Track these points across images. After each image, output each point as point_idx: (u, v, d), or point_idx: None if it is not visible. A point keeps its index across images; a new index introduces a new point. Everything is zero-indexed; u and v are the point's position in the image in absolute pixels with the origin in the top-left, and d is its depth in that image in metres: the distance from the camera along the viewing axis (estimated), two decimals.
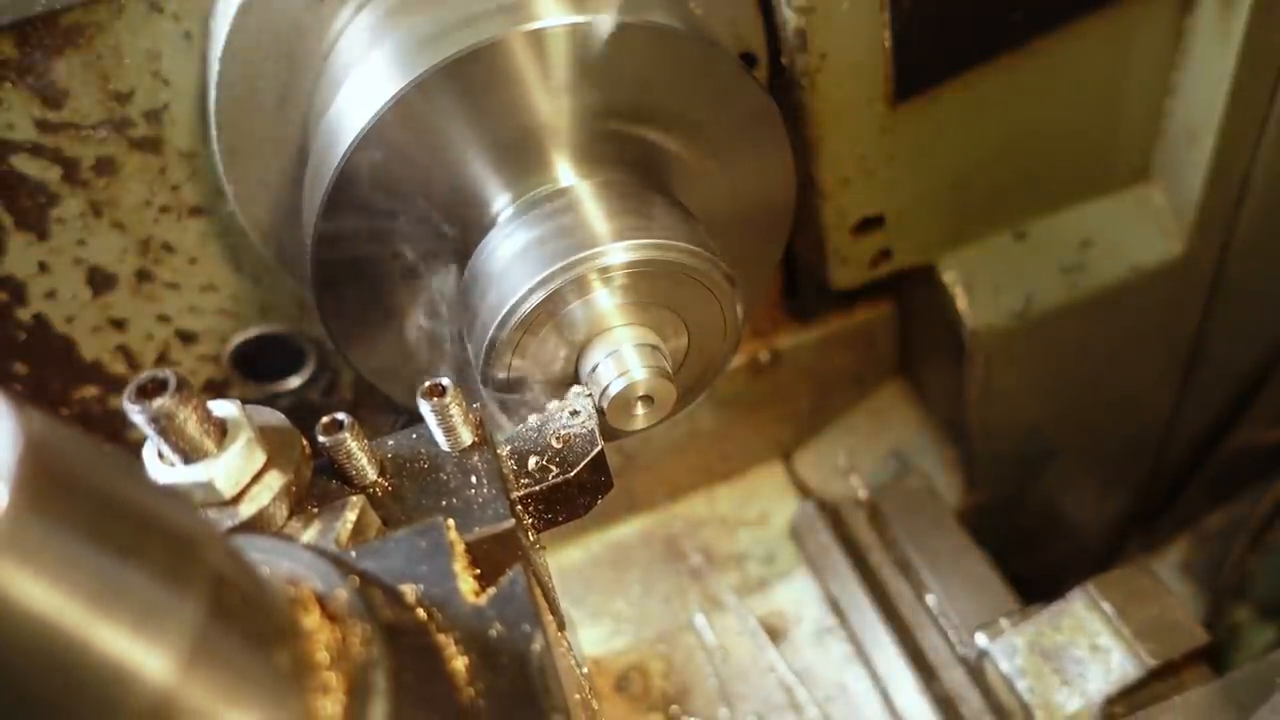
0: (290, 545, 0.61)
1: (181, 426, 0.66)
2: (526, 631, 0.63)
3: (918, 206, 1.36)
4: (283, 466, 0.72)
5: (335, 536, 0.72)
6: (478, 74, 0.93)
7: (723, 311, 1.01)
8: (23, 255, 1.15)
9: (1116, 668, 1.20)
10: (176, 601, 0.44)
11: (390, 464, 0.80)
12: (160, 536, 0.45)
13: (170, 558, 0.45)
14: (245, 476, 0.70)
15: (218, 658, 0.45)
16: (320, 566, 0.58)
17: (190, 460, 0.68)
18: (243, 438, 0.69)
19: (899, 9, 1.14)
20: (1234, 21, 1.26)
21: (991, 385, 1.54)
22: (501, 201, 1.00)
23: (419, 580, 0.64)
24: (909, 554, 1.46)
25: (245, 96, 1.05)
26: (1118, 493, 1.95)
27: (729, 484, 1.73)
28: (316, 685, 0.51)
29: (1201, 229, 1.48)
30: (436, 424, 0.79)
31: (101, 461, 0.45)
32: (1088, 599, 1.26)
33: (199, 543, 0.47)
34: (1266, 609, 1.79)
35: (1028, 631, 1.27)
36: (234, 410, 0.71)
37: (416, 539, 0.67)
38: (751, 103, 1.05)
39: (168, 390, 0.63)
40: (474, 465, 0.79)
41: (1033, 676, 1.23)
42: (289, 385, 1.36)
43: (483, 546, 0.74)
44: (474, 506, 0.77)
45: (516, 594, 0.64)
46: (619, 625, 1.57)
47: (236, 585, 0.48)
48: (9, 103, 1.04)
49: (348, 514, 0.74)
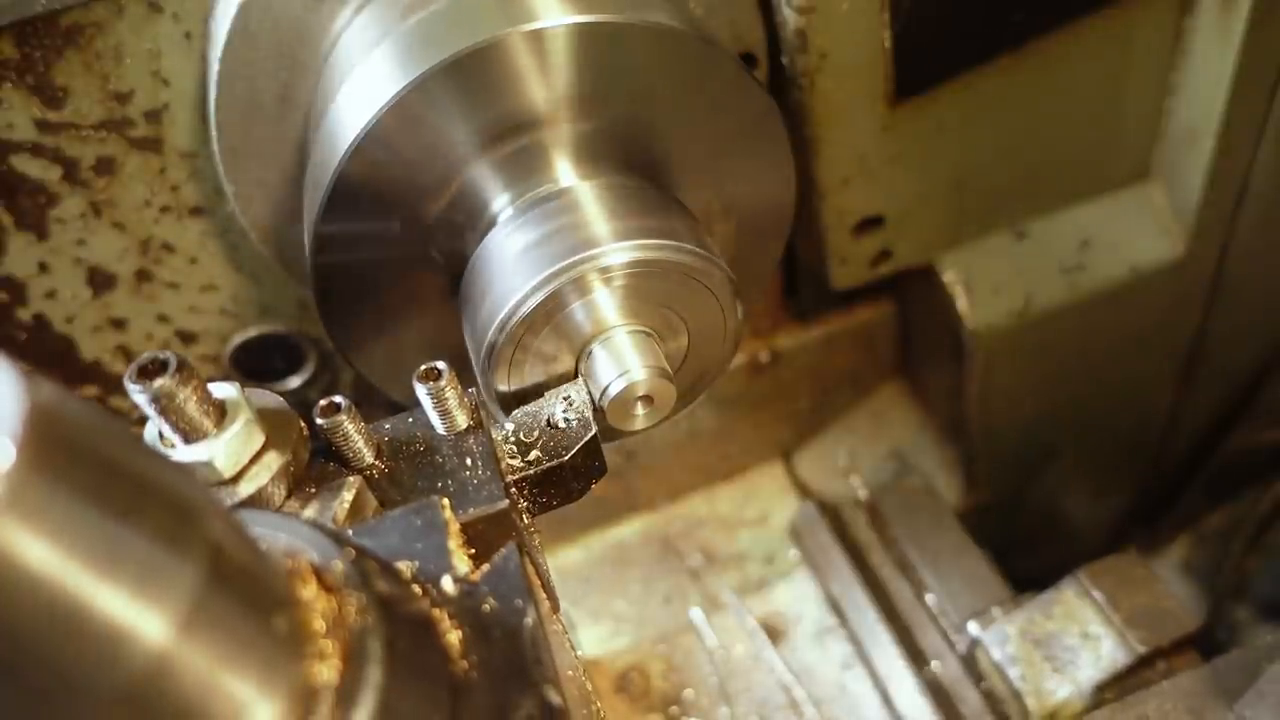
0: (289, 519, 0.62)
1: (182, 406, 0.67)
2: (519, 606, 0.64)
3: (918, 206, 1.36)
4: (281, 447, 0.73)
5: (332, 516, 0.73)
6: (477, 74, 0.93)
7: (723, 311, 1.01)
8: (23, 255, 1.15)
9: (1107, 655, 1.22)
10: (176, 565, 0.45)
11: (387, 447, 0.82)
12: (162, 502, 0.46)
13: (171, 523, 0.46)
14: (244, 456, 0.71)
15: (215, 622, 0.46)
16: (318, 540, 0.59)
17: (190, 440, 0.69)
18: (242, 419, 0.71)
19: (899, 9, 1.14)
20: (1234, 21, 1.26)
21: (991, 385, 1.54)
22: (501, 201, 1.00)
23: (414, 557, 0.66)
24: (909, 554, 1.46)
25: (245, 96, 1.05)
26: (1118, 493, 1.95)
27: (729, 484, 1.73)
28: (313, 652, 0.52)
29: (1201, 229, 1.48)
30: (432, 408, 0.81)
31: (106, 427, 0.45)
32: (1079, 587, 1.27)
33: (200, 510, 0.48)
34: (1266, 609, 1.80)
35: (1019, 620, 1.28)
36: (233, 392, 0.72)
37: (412, 517, 0.68)
38: (751, 103, 1.05)
39: (168, 370, 0.65)
40: (469, 448, 0.81)
41: (1024, 664, 1.24)
42: (289, 385, 1.36)
43: (477, 527, 0.76)
44: (469, 488, 0.78)
45: (509, 570, 0.66)
46: (619, 625, 1.57)
47: (235, 553, 0.49)
48: (9, 103, 1.04)
49: (345, 494, 0.75)
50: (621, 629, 1.56)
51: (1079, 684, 1.22)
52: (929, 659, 1.37)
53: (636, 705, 1.42)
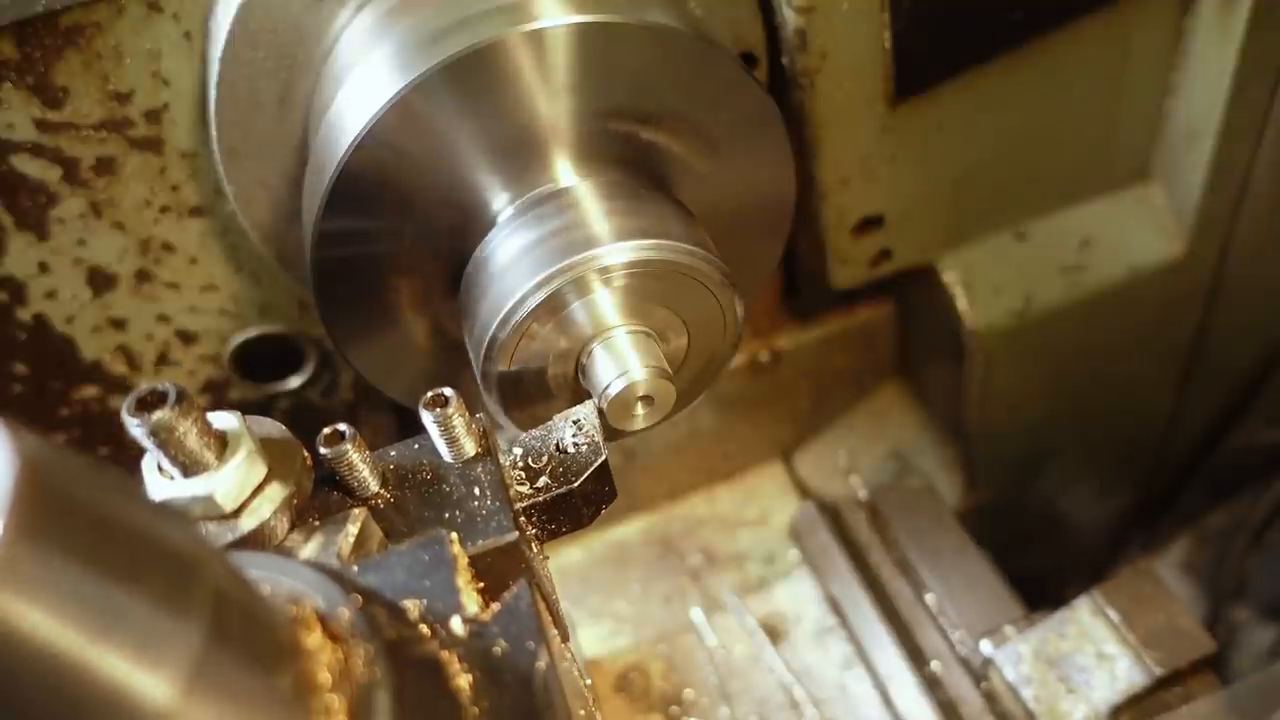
0: (291, 563, 0.61)
1: (181, 440, 0.65)
2: (531, 649, 0.62)
3: (918, 206, 1.36)
4: (284, 479, 0.71)
5: (337, 550, 0.71)
6: (478, 74, 0.93)
7: (723, 311, 1.01)
8: (23, 255, 1.14)
9: (1123, 676, 1.19)
10: (177, 625, 0.44)
11: (392, 475, 0.79)
12: (159, 558, 0.45)
13: (169, 580, 0.45)
14: (246, 489, 0.69)
15: (219, 681, 0.45)
16: (322, 584, 0.58)
17: (190, 473, 0.67)
18: (243, 450, 0.69)
19: (899, 9, 1.14)
20: (1234, 21, 1.26)
21: (991, 385, 1.54)
22: (501, 201, 1.00)
23: (422, 595, 0.64)
24: (909, 554, 1.46)
25: (245, 96, 1.05)
26: (1118, 493, 1.95)
27: (729, 484, 1.73)
28: (319, 708, 0.50)
29: (1201, 229, 1.48)
30: (439, 435, 0.78)
31: (98, 483, 0.44)
32: (1093, 606, 1.24)
33: (199, 564, 0.47)
34: (1266, 609, 1.79)
35: (1033, 639, 1.25)
36: (234, 422, 0.70)
37: (419, 553, 0.66)
38: (751, 103, 1.05)
39: (167, 403, 0.62)
40: (477, 476, 0.78)
41: (1038, 684, 1.22)
42: (289, 385, 1.36)
43: (486, 559, 0.74)
44: (477, 519, 0.76)
45: (521, 610, 0.64)
46: (619, 625, 1.57)
47: (237, 605, 0.48)
48: (9, 103, 1.04)
49: (349, 527, 0.73)
50: (621, 629, 1.56)
51: (1094, 705, 1.19)
52: (929, 659, 1.36)
53: (636, 705, 1.42)
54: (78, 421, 1.29)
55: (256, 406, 1.36)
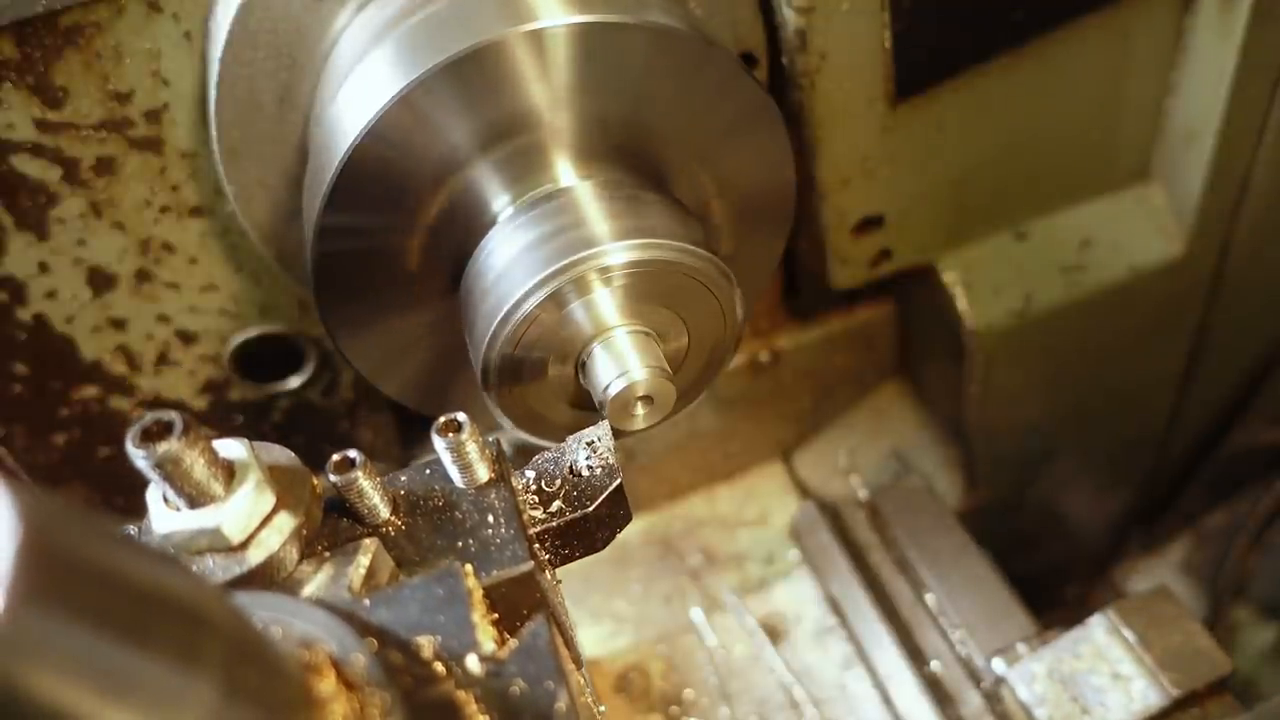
0: (302, 604, 0.59)
1: (188, 471, 0.63)
2: (550, 689, 0.60)
3: (918, 206, 1.36)
4: (293, 508, 0.69)
5: (348, 583, 0.69)
6: (478, 74, 0.93)
7: (723, 311, 1.01)
8: (23, 255, 1.15)
9: (1138, 697, 1.17)
10: (189, 683, 0.43)
11: (403, 501, 0.77)
12: (168, 614, 0.44)
13: (180, 637, 0.43)
14: (254, 521, 0.67)
15: None
16: (334, 627, 0.56)
17: (197, 504, 0.65)
18: (251, 480, 0.66)
19: (899, 9, 1.14)
20: (1234, 21, 1.26)
21: (991, 385, 1.54)
22: (501, 201, 1.00)
23: (436, 631, 0.62)
24: (909, 554, 1.46)
25: (245, 96, 1.05)
26: (1118, 493, 1.95)
27: (729, 484, 1.73)
28: None
29: (1201, 229, 1.48)
30: (452, 461, 0.76)
31: (101, 539, 0.43)
32: (1109, 625, 1.22)
33: (208, 616, 0.45)
34: (1266, 609, 1.80)
35: (1047, 658, 1.24)
36: (242, 450, 0.68)
37: (433, 587, 0.64)
38: (751, 102, 1.05)
39: (174, 433, 0.60)
40: (490, 503, 0.76)
41: (1052, 705, 1.20)
42: (289, 385, 1.36)
43: (500, 589, 0.71)
44: (491, 548, 0.73)
45: (539, 649, 0.62)
46: (619, 625, 1.57)
47: (249, 658, 0.47)
48: (9, 103, 1.04)
49: (360, 558, 0.71)
50: (621, 629, 1.56)
51: None
52: (929, 659, 1.36)
53: (636, 705, 1.42)
54: (78, 421, 1.29)
55: (256, 406, 1.36)
